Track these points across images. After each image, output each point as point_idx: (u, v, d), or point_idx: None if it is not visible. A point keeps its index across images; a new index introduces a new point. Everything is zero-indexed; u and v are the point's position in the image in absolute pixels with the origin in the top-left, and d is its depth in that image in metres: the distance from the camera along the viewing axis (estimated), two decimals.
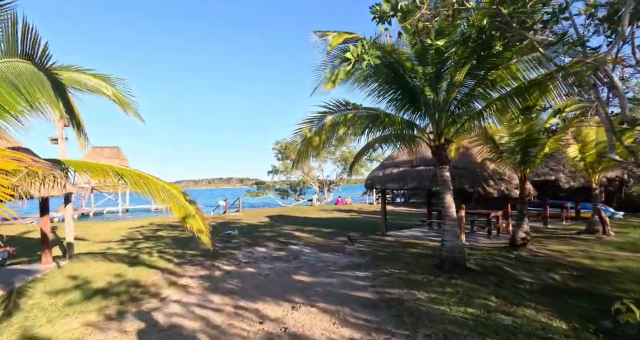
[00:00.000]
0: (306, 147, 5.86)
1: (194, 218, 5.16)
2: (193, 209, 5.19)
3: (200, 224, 5.24)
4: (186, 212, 5.13)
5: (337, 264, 7.06)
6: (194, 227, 5.16)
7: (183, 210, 5.11)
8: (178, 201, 5.14)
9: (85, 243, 10.73)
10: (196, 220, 5.20)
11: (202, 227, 5.23)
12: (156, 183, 4.95)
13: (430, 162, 9.57)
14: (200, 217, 5.28)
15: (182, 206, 5.12)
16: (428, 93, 5.61)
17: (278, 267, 6.93)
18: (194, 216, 5.18)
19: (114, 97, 5.17)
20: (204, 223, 5.30)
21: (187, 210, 5.15)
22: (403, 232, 11.49)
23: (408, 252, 7.80)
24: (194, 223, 5.19)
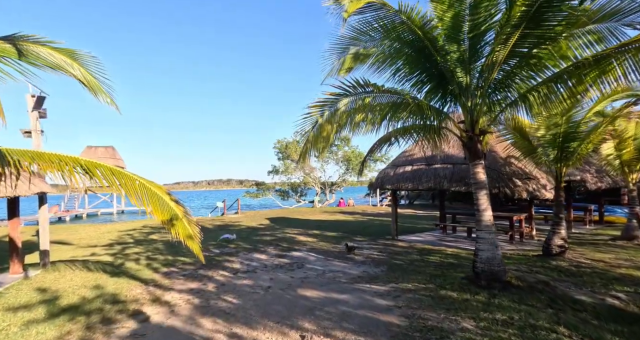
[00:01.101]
0: (316, 136, 4.95)
1: (180, 222, 4.26)
2: (179, 211, 4.29)
3: (189, 229, 4.33)
4: (171, 215, 4.23)
5: (348, 274, 6.15)
6: (181, 233, 4.25)
7: (167, 213, 4.21)
8: (160, 201, 4.24)
9: (68, 248, 9.81)
10: (183, 224, 4.31)
11: (191, 233, 4.34)
12: (132, 179, 4.05)
13: (448, 159, 8.69)
14: (188, 221, 4.39)
15: (165, 207, 4.22)
16: (460, 75, 4.71)
17: (280, 279, 6.02)
18: (181, 219, 4.29)
19: (83, 79, 4.27)
20: (192, 228, 4.40)
21: (172, 213, 4.25)
22: (415, 236, 10.58)
23: (428, 261, 6.89)
24: (181, 228, 4.29)
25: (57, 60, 4.10)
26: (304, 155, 5.24)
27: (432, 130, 5.25)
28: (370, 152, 7.33)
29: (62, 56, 4.14)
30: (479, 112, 4.84)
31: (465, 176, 8.03)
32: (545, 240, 6.69)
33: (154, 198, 4.19)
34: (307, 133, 4.98)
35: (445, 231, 10.79)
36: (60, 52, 4.15)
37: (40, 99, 6.74)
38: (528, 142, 6.76)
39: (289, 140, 25.96)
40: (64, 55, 4.14)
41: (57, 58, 4.12)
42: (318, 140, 4.98)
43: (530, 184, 7.95)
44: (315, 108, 4.75)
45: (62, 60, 4.14)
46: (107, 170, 3.79)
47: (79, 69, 4.24)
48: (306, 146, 5.12)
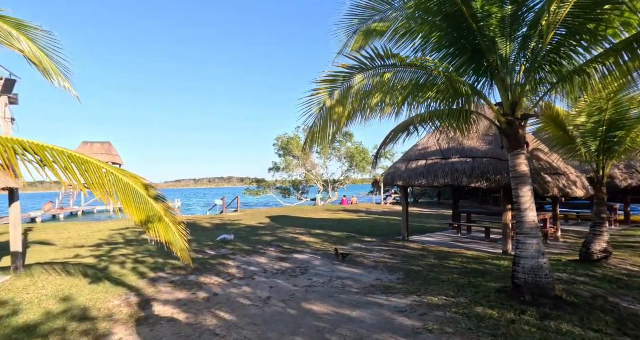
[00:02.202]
0: (324, 120, 4.13)
1: (161, 222, 3.46)
2: (160, 209, 3.49)
3: (173, 230, 3.54)
4: (149, 214, 3.44)
5: (359, 282, 5.35)
6: (162, 235, 3.46)
7: (144, 211, 3.41)
8: (137, 197, 3.44)
9: (52, 249, 9.04)
10: (165, 224, 3.51)
11: (174, 236, 3.54)
12: (97, 167, 3.24)
13: (468, 153, 7.86)
14: (172, 221, 3.59)
15: (143, 205, 3.43)
16: (501, 45, 3.88)
17: (282, 287, 5.23)
18: (162, 219, 3.49)
19: (33, 56, 3.45)
20: (178, 229, 3.61)
21: (152, 211, 3.45)
22: (427, 237, 9.79)
23: (448, 267, 6.09)
24: (162, 229, 3.49)
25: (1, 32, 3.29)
26: (310, 143, 4.42)
27: (460, 116, 4.42)
28: (384, 143, 6.50)
29: (8, 27, 3.32)
30: (521, 91, 4.01)
31: (487, 171, 7.22)
32: (584, 244, 5.88)
33: (129, 193, 3.39)
34: (313, 116, 4.16)
35: (459, 231, 9.98)
36: (6, 22, 3.34)
37: (10, 82, 5.94)
38: (563, 132, 5.93)
39: (290, 136, 25.14)
40: (9, 26, 3.33)
41: (2, 30, 3.31)
42: (326, 126, 4.16)
43: (560, 180, 7.13)
44: (324, 85, 3.92)
45: (8, 33, 3.33)
46: (61, 155, 2.99)
47: (28, 43, 3.43)
48: (312, 132, 4.30)
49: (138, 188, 3.40)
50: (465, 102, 4.06)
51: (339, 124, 4.14)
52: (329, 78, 3.86)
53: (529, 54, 3.84)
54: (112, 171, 3.34)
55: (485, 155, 7.46)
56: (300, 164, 25.09)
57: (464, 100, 4.07)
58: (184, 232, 3.63)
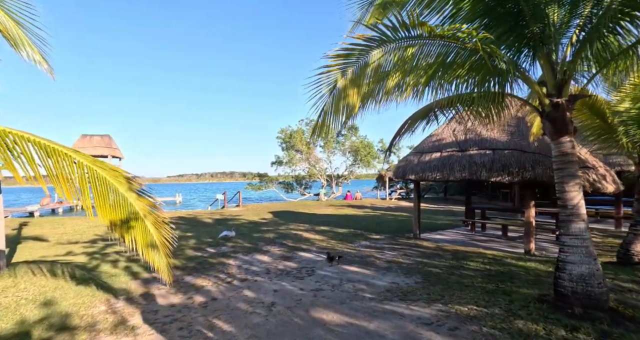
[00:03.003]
0: (336, 103, 3.54)
1: (139, 223, 2.92)
2: (142, 208, 2.95)
3: (154, 234, 3.00)
4: (125, 214, 2.90)
5: (373, 286, 4.82)
6: (139, 240, 2.93)
7: (120, 210, 2.88)
8: (113, 193, 2.91)
9: (43, 245, 8.57)
10: (143, 227, 2.97)
11: (155, 239, 3.01)
12: (67, 157, 2.70)
13: (487, 144, 7.25)
14: (155, 221, 3.05)
15: (119, 202, 2.89)
16: (549, 12, 3.27)
17: (287, 291, 4.71)
18: (141, 220, 2.95)
19: None
20: (159, 233, 3.07)
21: (129, 209, 2.92)
22: (439, 234, 9.24)
23: (469, 269, 5.54)
24: (139, 232, 2.96)
25: None
26: (319, 130, 3.83)
27: (495, 98, 3.81)
28: (399, 133, 5.92)
29: None
30: (571, 68, 3.40)
31: (509, 164, 6.63)
32: (622, 245, 5.32)
33: (104, 188, 2.84)
34: (323, 99, 3.57)
35: (473, 229, 9.42)
36: None
37: None
38: (601, 120, 5.32)
39: (294, 129, 24.52)
40: None
41: None
42: (338, 109, 3.58)
43: (589, 174, 6.53)
44: (337, 61, 3.32)
45: None
46: (22, 140, 2.44)
47: None
48: (322, 118, 3.71)
49: (116, 184, 2.85)
50: (500, 81, 3.47)
51: (351, 108, 3.55)
52: (343, 52, 3.26)
53: (582, 23, 3.23)
54: (87, 163, 2.79)
55: (507, 147, 6.87)
56: (304, 158, 24.52)
57: (499, 79, 3.48)
58: (168, 236, 3.10)
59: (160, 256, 2.99)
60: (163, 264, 3.10)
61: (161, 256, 3.04)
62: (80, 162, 2.66)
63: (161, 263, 3.09)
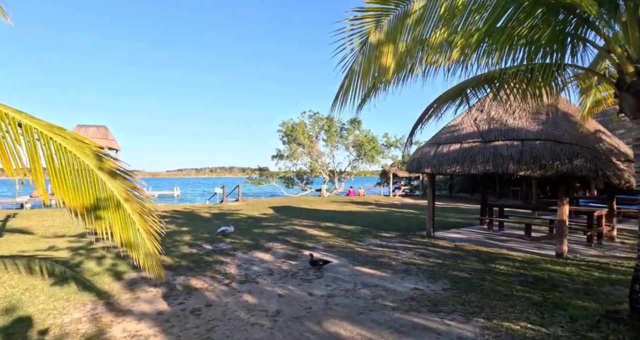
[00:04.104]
0: (367, 62, 2.83)
1: (117, 211, 2.24)
2: (118, 190, 2.26)
3: (136, 224, 2.34)
4: (97, 198, 2.22)
5: (395, 293, 4.17)
6: (118, 233, 2.26)
7: (89, 193, 2.20)
8: (81, 171, 2.23)
9: (26, 238, 7.91)
10: (123, 215, 2.29)
11: (137, 233, 2.34)
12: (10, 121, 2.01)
13: (514, 134, 6.56)
14: (136, 210, 2.37)
15: (89, 184, 2.21)
16: None
17: (294, 297, 4.05)
18: (121, 207, 2.27)
19: None
20: (144, 223, 2.40)
21: (103, 194, 2.24)
22: (453, 233, 8.59)
23: (502, 274, 4.88)
24: (117, 222, 2.29)
25: None
26: (343, 97, 3.11)
27: (548, 71, 3.10)
28: (422, 120, 5.23)
29: None
30: None
31: (541, 156, 5.94)
32: None
33: (65, 164, 2.16)
34: (353, 54, 2.87)
35: (491, 228, 8.76)
36: None
37: None
38: None
39: (296, 122, 23.77)
40: None
41: None
42: (367, 72, 2.87)
43: (631, 167, 5.85)
44: (372, 5, 2.60)
45: None
46: None
47: None
48: (349, 80, 3.00)
49: (84, 157, 2.17)
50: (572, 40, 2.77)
51: (384, 71, 2.84)
52: None
53: None
54: (39, 128, 2.09)
55: (538, 137, 6.18)
56: (306, 152, 23.80)
57: (569, 40, 2.78)
58: (155, 226, 2.42)
59: (147, 250, 2.32)
60: (151, 259, 2.43)
61: (148, 250, 2.37)
62: (29, 127, 1.97)
63: (148, 258, 2.42)
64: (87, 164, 2.14)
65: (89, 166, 2.14)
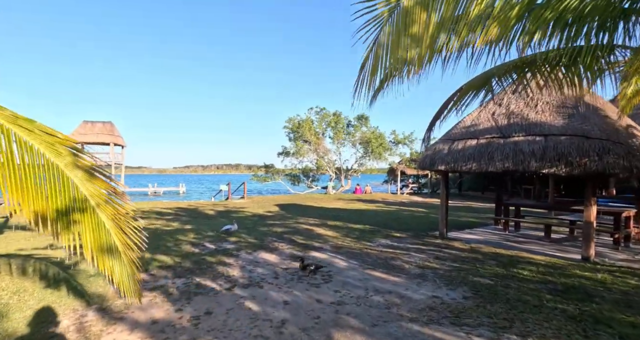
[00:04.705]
0: (396, 33, 2.43)
1: (89, 215, 1.90)
2: (94, 191, 1.91)
3: (113, 232, 2.00)
4: (67, 201, 1.88)
5: (411, 300, 3.81)
6: (89, 240, 1.92)
7: (57, 195, 1.87)
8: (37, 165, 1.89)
9: (26, 235, 7.71)
10: (94, 220, 1.94)
11: (117, 242, 2.01)
12: None
13: (537, 129, 6.12)
14: (116, 213, 2.04)
15: (54, 181, 1.88)
16: None
17: (301, 303, 3.72)
18: (93, 211, 1.93)
19: None
20: (124, 229, 2.07)
21: (72, 195, 1.89)
22: (467, 234, 8.18)
23: (526, 280, 4.49)
24: (89, 230, 1.94)
25: None
26: (370, 74, 2.68)
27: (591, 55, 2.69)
28: (440, 114, 4.83)
29: None
30: None
31: (568, 152, 5.50)
32: None
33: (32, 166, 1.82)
34: (378, 25, 2.47)
35: (507, 228, 8.32)
36: None
37: None
38: None
39: (302, 118, 23.39)
40: None
41: None
42: (397, 44, 2.46)
43: None
44: None
45: None
46: None
47: None
48: (374, 55, 2.59)
49: (51, 154, 1.83)
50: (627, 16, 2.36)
51: (417, 41, 2.41)
52: None
53: None
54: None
55: (564, 132, 5.73)
56: (312, 149, 23.43)
57: (624, 16, 2.37)
58: (135, 236, 2.09)
59: (122, 265, 2.00)
60: (127, 276, 2.10)
61: (124, 265, 2.04)
62: None
63: (124, 275, 2.09)
64: (57, 163, 1.81)
65: (58, 166, 1.82)
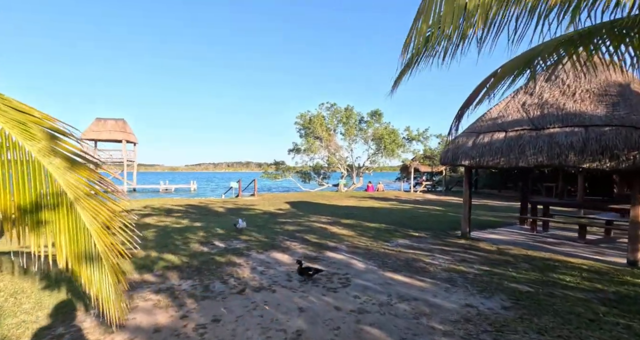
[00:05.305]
0: None
1: (64, 212, 1.54)
2: (74, 182, 1.57)
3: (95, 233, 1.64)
4: (37, 194, 1.52)
5: (441, 309, 3.38)
6: (63, 243, 1.57)
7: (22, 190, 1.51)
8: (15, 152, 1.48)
9: None
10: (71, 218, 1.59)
11: (98, 246, 1.65)
12: None
13: (576, 119, 5.56)
14: (96, 209, 1.68)
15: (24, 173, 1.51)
16: None
17: (318, 311, 3.34)
18: (70, 207, 1.56)
19: None
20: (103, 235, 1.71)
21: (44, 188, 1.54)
22: (490, 233, 7.66)
23: (571, 288, 4.00)
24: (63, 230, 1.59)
25: None
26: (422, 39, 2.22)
27: None
28: (470, 101, 4.34)
29: None
30: None
31: (613, 145, 4.95)
32: None
33: None
34: None
35: (534, 228, 7.76)
36: None
37: None
38: None
39: (313, 114, 22.96)
40: None
41: None
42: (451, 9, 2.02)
43: None
44: None
45: None
46: None
47: None
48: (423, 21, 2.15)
49: (19, 136, 1.48)
50: None
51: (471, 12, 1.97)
52: None
53: None
54: None
55: (608, 122, 5.17)
56: (323, 146, 23.00)
57: None
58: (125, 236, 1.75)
59: (102, 274, 1.65)
60: (110, 291, 1.75)
61: (104, 274, 1.70)
62: None
63: (104, 286, 1.75)
64: (28, 148, 1.46)
65: (29, 151, 1.47)
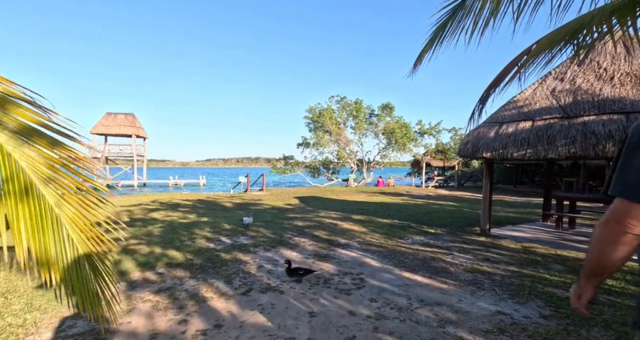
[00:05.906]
0: None
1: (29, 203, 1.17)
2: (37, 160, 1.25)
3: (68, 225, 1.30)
4: None
5: (468, 316, 3.01)
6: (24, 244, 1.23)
7: None
8: None
9: None
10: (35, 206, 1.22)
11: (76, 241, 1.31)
12: None
13: (616, 106, 5.05)
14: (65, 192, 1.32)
15: None
16: None
17: (330, 317, 3.01)
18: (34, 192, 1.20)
19: None
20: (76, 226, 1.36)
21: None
22: (511, 230, 7.20)
23: (611, 291, 3.58)
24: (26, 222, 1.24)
25: None
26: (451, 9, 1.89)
27: None
28: (497, 83, 3.92)
29: None
30: None
31: None
32: None
33: None
34: None
35: (560, 225, 7.25)
36: None
37: None
38: None
39: (323, 107, 22.52)
40: None
41: None
42: None
43: None
44: None
45: None
46: None
47: None
48: None
49: None
50: None
51: None
52: None
53: None
54: None
55: None
56: (333, 140, 22.58)
57: None
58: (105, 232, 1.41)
59: (79, 279, 1.34)
60: (89, 293, 1.44)
61: (85, 271, 1.38)
62: None
63: (84, 292, 1.43)
64: None
65: None
